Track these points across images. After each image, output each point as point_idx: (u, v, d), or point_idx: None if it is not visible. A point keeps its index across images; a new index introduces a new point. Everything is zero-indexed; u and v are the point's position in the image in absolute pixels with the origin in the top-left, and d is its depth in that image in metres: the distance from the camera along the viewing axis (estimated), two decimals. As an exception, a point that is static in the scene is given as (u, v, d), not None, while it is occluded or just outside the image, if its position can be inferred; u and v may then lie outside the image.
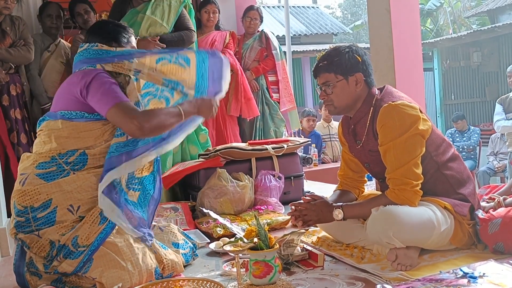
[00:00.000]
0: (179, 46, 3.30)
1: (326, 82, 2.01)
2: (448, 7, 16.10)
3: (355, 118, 2.07)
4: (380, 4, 3.40)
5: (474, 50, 10.50)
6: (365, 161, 2.12)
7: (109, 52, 1.93)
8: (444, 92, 10.82)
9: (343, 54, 1.99)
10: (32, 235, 1.80)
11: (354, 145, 2.12)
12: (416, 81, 3.51)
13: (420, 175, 1.88)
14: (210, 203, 2.83)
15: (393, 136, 1.88)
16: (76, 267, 1.78)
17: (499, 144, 6.35)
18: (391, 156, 1.89)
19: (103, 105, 1.82)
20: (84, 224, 1.81)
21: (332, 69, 1.99)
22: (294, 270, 1.92)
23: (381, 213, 1.85)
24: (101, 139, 1.88)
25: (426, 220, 1.83)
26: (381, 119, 1.92)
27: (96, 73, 1.86)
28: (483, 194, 2.26)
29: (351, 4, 24.77)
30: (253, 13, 4.38)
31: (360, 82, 2.00)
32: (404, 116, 1.89)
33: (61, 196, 1.81)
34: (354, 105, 2.03)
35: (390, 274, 1.76)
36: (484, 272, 1.62)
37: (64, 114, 1.87)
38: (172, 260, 1.93)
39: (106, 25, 2.04)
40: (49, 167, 1.83)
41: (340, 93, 2.00)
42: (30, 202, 1.80)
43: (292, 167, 3.33)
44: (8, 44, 3.38)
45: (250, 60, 4.38)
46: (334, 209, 1.98)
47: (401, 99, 1.96)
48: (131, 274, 1.79)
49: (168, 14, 3.32)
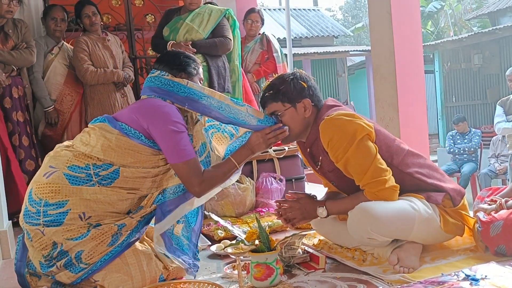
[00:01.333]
0: (212, 52, 3.51)
1: (275, 112, 2.00)
2: (449, 9, 16.12)
3: (308, 142, 2.07)
4: (381, 6, 3.41)
5: (475, 53, 10.50)
6: (329, 179, 2.12)
7: (180, 85, 1.94)
8: (445, 95, 10.82)
9: (287, 82, 2.00)
10: (36, 230, 1.79)
11: (315, 167, 2.12)
12: (417, 84, 3.52)
13: (386, 168, 1.88)
14: (211, 206, 2.84)
15: (344, 149, 1.87)
16: (74, 281, 1.78)
17: (500, 146, 6.35)
18: (352, 166, 1.89)
19: (170, 156, 1.86)
20: (92, 240, 1.79)
21: (278, 98, 1.99)
22: (296, 272, 1.92)
23: (356, 211, 1.85)
24: (141, 164, 1.87)
25: (404, 210, 1.84)
26: (323, 136, 1.92)
27: (167, 113, 1.87)
28: (484, 196, 2.25)
29: (352, 6, 24.81)
30: (254, 16, 4.39)
31: (308, 108, 2.00)
32: (345, 124, 1.88)
33: (78, 202, 1.79)
34: (306, 130, 2.04)
35: (391, 276, 1.76)
36: (486, 275, 1.62)
37: (123, 127, 1.87)
38: (178, 267, 1.93)
39: (177, 56, 2.06)
40: (79, 172, 1.81)
41: (290, 121, 1.99)
42: (47, 196, 1.78)
43: (293, 170, 3.33)
44: (11, 47, 3.39)
45: (251, 63, 4.39)
46: (318, 206, 1.98)
47: (335, 110, 1.96)
48: (134, 279, 1.79)
49: (206, 22, 3.53)
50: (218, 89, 3.57)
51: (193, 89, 1.95)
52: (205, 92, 1.96)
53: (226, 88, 3.64)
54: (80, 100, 3.78)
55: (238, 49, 3.86)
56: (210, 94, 1.96)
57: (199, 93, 1.94)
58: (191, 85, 1.96)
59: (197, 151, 1.98)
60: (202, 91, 1.96)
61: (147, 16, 4.57)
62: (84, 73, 3.62)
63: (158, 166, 1.91)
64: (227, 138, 2.17)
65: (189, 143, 1.90)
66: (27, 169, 3.36)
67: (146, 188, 1.90)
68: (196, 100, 1.94)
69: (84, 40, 3.67)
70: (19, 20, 3.51)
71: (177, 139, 1.85)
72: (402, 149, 1.99)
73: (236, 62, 3.83)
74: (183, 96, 1.93)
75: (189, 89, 1.94)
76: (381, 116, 3.55)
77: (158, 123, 1.85)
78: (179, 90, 1.94)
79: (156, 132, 1.85)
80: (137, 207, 1.92)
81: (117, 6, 4.45)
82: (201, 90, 1.96)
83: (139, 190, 1.89)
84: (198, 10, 3.55)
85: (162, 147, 1.86)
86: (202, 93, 1.95)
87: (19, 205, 3.08)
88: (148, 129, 1.85)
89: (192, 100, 1.93)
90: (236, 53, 3.81)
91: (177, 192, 1.94)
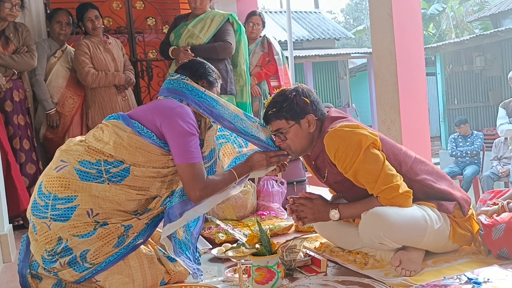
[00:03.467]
0: (211, 56, 3.51)
1: (279, 129, 2.01)
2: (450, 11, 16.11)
3: (313, 155, 2.06)
4: (383, 9, 3.40)
5: (477, 55, 10.49)
6: (336, 190, 2.13)
7: (198, 90, 2.00)
8: (447, 97, 10.81)
9: (290, 99, 2.00)
10: (43, 223, 1.78)
11: (321, 179, 2.12)
12: (419, 86, 3.51)
13: (396, 173, 1.88)
14: (212, 209, 2.83)
15: (352, 158, 1.87)
16: (77, 280, 1.78)
17: (502, 149, 6.32)
18: (362, 176, 1.88)
19: (178, 155, 1.87)
20: (98, 240, 1.78)
21: (282, 116, 1.99)
22: (297, 276, 1.91)
23: (370, 215, 1.85)
24: (152, 164, 1.88)
25: (417, 218, 1.84)
26: (328, 149, 1.92)
27: (182, 113, 1.89)
28: (487, 199, 2.25)
29: (353, 9, 24.83)
30: (256, 19, 4.40)
31: (312, 123, 2.00)
32: (349, 135, 1.88)
33: (87, 198, 1.79)
34: (311, 145, 2.04)
35: (393, 280, 1.75)
36: (488, 278, 1.61)
37: (136, 126, 1.88)
38: (180, 271, 1.93)
39: (202, 64, 2.11)
40: (90, 168, 1.81)
41: (295, 137, 2.00)
42: (56, 191, 1.78)
43: (295, 173, 3.33)
44: (12, 51, 3.39)
45: (252, 66, 4.38)
46: (330, 209, 1.97)
47: (339, 122, 1.96)
48: (136, 282, 1.79)
49: (208, 28, 3.59)
50: None
51: (209, 96, 2.01)
52: (220, 102, 2.01)
53: (228, 90, 3.65)
54: (81, 103, 3.79)
55: (245, 54, 3.88)
56: (225, 105, 2.01)
57: (214, 101, 2.00)
58: (208, 92, 2.01)
59: (205, 156, 1.99)
60: (218, 100, 2.02)
61: (148, 19, 4.57)
62: (85, 76, 3.62)
63: (168, 166, 1.91)
64: (235, 150, 2.20)
65: (198, 147, 1.91)
66: (27, 172, 3.35)
67: (156, 189, 1.91)
68: (212, 107, 1.98)
69: (85, 43, 3.67)
70: (20, 24, 3.51)
71: (188, 140, 1.86)
72: (409, 156, 1.99)
73: (243, 67, 3.85)
74: (199, 100, 1.98)
75: (205, 95, 2.00)
76: (383, 118, 3.54)
77: (172, 121, 1.86)
78: (196, 94, 1.99)
79: (168, 130, 1.86)
80: (145, 208, 1.92)
81: (118, 9, 4.45)
82: (217, 99, 2.02)
83: (149, 190, 1.89)
84: (202, 15, 3.60)
85: (171, 145, 1.87)
86: (217, 102, 2.01)
87: (19, 209, 3.11)
88: (161, 127, 1.87)
89: (207, 105, 1.98)
90: (243, 58, 3.84)
91: (184, 196, 1.93)
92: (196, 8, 3.59)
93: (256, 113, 4.28)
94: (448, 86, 10.84)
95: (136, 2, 4.51)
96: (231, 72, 3.73)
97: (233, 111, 2.01)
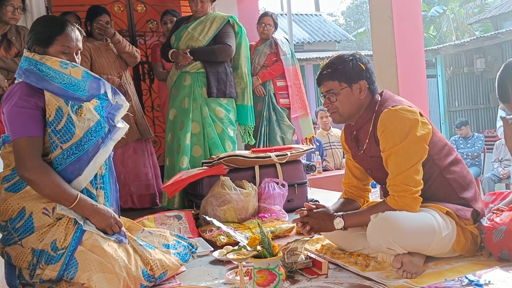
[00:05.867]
0: (210, 58, 3.58)
1: (330, 90, 2.02)
2: (451, 14, 16.13)
3: (357, 125, 2.07)
4: (383, 11, 3.41)
5: (477, 57, 10.50)
6: (367, 167, 2.13)
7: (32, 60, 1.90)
8: (448, 99, 10.81)
9: (347, 62, 2.00)
10: (16, 246, 1.82)
11: (357, 151, 2.12)
12: (420, 88, 3.52)
13: (420, 181, 1.88)
14: (213, 211, 2.83)
15: (394, 142, 1.88)
16: (60, 270, 1.76)
17: (503, 151, 6.32)
18: (392, 162, 1.90)
19: (11, 132, 1.85)
20: (59, 226, 1.82)
21: (336, 77, 2.00)
22: (298, 278, 1.91)
23: (380, 219, 1.85)
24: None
25: (426, 225, 1.83)
26: (381, 124, 1.93)
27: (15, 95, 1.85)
28: (488, 201, 2.24)
29: (354, 11, 24.84)
30: (267, 19, 4.42)
31: (364, 90, 2.01)
32: (404, 121, 1.89)
33: (32, 202, 1.83)
34: (358, 112, 2.05)
35: (395, 282, 1.75)
36: (489, 280, 1.61)
37: (4, 138, 1.93)
38: (160, 259, 1.92)
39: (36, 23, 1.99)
40: (12, 178, 1.86)
41: (344, 100, 2.01)
42: (8, 216, 1.83)
43: (296, 175, 3.33)
44: (14, 54, 3.40)
45: (259, 66, 4.39)
46: (334, 218, 1.98)
47: (401, 103, 1.97)
48: (119, 276, 1.78)
49: (208, 30, 3.60)
50: (217, 94, 3.59)
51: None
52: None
53: (228, 93, 3.65)
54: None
55: (247, 56, 3.87)
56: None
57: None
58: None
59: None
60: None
61: (149, 22, 4.59)
62: None
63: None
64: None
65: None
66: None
67: None
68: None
69: (86, 46, 3.67)
70: (22, 27, 3.52)
71: (20, 116, 1.84)
72: (450, 155, 1.99)
73: (244, 69, 3.83)
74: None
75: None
76: (384, 120, 3.54)
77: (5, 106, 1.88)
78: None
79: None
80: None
81: (120, 12, 4.47)
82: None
83: None
84: (203, 18, 3.62)
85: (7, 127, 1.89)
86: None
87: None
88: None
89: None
90: (244, 60, 3.83)
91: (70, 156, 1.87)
92: (197, 11, 3.60)
93: (259, 114, 4.29)
94: (449, 88, 10.85)
95: (138, 5, 4.53)
96: (231, 75, 3.72)
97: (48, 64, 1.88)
